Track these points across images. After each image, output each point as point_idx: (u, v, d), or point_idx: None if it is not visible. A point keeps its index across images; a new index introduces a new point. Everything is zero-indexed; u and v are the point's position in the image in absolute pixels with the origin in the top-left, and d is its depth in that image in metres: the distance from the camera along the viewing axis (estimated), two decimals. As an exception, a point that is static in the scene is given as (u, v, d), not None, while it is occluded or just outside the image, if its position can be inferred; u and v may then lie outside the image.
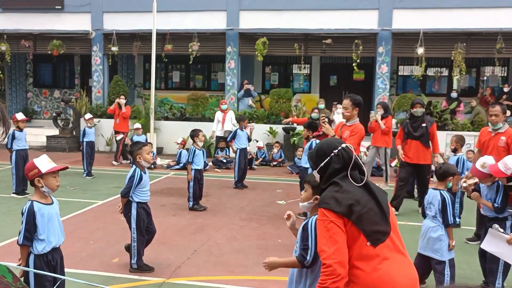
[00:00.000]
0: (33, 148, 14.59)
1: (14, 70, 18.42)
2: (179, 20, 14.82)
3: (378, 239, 2.47)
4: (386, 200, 2.60)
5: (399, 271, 2.47)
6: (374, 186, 2.61)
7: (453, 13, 13.47)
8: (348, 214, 2.45)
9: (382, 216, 2.51)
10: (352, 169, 2.57)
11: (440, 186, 4.64)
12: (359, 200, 2.48)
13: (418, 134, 7.66)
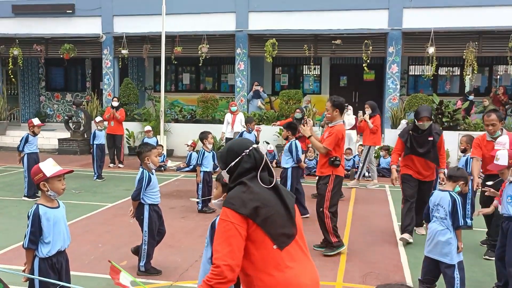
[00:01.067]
0: (45, 151, 14.76)
1: (26, 74, 18.64)
2: (188, 23, 14.86)
3: (284, 242, 2.45)
4: (293, 202, 2.56)
5: (304, 274, 2.47)
6: (282, 188, 2.58)
7: (464, 12, 13.31)
8: (253, 217, 2.41)
9: (289, 219, 2.49)
10: (262, 170, 2.52)
11: (449, 188, 4.56)
12: (266, 202, 2.44)
13: (424, 150, 6.22)
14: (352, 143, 12.44)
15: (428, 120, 6.13)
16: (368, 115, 9.98)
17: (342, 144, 5.87)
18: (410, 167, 6.38)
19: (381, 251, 5.99)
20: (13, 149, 14.40)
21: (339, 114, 5.88)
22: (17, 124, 17.95)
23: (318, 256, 5.82)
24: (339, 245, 5.86)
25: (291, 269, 2.44)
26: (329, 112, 5.89)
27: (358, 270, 5.41)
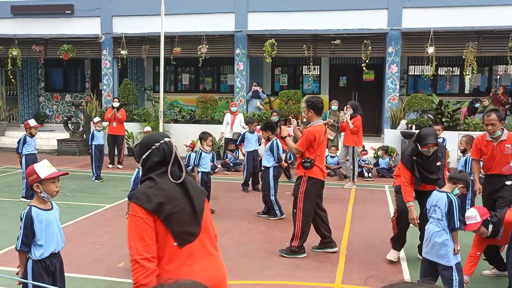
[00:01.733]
0: (44, 151, 14.74)
1: (25, 74, 18.62)
2: (187, 23, 14.84)
3: (185, 239, 2.47)
4: (202, 200, 2.59)
5: (203, 273, 2.47)
6: (192, 185, 2.58)
7: (463, 11, 13.28)
8: (157, 212, 2.43)
9: (194, 217, 2.50)
10: (173, 165, 2.53)
11: (447, 189, 4.52)
12: (172, 198, 2.46)
13: (436, 177, 5.35)
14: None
15: (433, 146, 5.23)
16: (349, 116, 9.97)
17: (316, 145, 5.70)
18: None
19: (380, 252, 5.96)
20: (12, 149, 14.38)
21: (314, 115, 5.82)
22: (16, 125, 17.92)
23: (317, 257, 5.80)
24: (297, 252, 5.78)
25: (188, 267, 2.46)
26: (305, 113, 5.90)
27: (357, 271, 5.38)
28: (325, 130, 5.89)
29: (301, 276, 5.21)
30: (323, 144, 5.87)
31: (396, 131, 13.06)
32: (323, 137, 5.83)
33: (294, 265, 5.54)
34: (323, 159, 5.96)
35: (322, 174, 5.85)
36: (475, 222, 4.60)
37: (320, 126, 5.84)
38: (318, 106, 5.80)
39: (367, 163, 11.63)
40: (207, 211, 2.63)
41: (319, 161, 5.80)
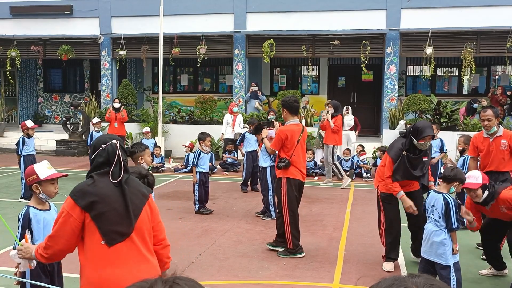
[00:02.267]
0: (43, 152, 14.74)
1: (24, 75, 18.61)
2: (186, 24, 14.86)
3: (114, 239, 2.54)
4: (140, 203, 2.65)
5: (129, 275, 2.52)
6: (133, 187, 2.66)
7: (462, 12, 13.31)
8: (88, 210, 2.54)
9: (126, 217, 2.57)
10: (115, 166, 2.62)
11: (443, 189, 4.53)
12: (105, 198, 2.56)
13: (421, 174, 5.23)
14: (351, 143, 12.43)
15: (431, 139, 5.17)
16: (331, 115, 10.06)
17: (290, 145, 5.69)
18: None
19: (378, 252, 5.97)
20: (10, 150, 14.40)
21: (289, 114, 5.83)
22: (15, 126, 17.90)
23: (315, 258, 5.80)
24: (294, 252, 5.78)
25: (114, 267, 2.54)
26: (282, 114, 5.93)
27: (355, 271, 5.39)
28: (301, 130, 5.82)
29: (299, 276, 5.22)
30: (300, 145, 5.80)
31: (394, 131, 13.07)
32: (299, 137, 5.77)
33: (292, 265, 5.55)
34: (300, 159, 5.81)
35: (301, 175, 5.81)
36: (475, 182, 4.60)
37: (295, 125, 5.82)
38: (292, 105, 5.78)
39: (366, 163, 11.64)
40: (146, 215, 2.68)
41: (296, 162, 5.74)
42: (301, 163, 5.83)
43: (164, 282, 1.21)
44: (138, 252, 2.61)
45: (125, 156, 2.72)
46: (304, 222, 7.42)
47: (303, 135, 5.88)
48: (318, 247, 6.23)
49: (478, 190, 4.64)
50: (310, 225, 7.28)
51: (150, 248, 2.68)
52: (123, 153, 2.69)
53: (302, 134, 5.84)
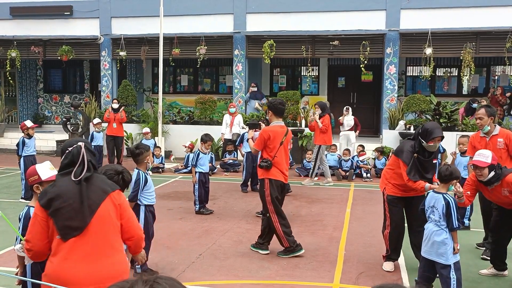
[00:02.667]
0: (43, 153, 14.74)
1: (24, 76, 18.63)
2: (186, 24, 14.88)
3: (68, 233, 2.67)
4: (99, 198, 2.75)
5: (79, 270, 2.64)
6: (94, 185, 2.78)
7: (461, 12, 13.33)
8: (47, 207, 2.71)
9: (80, 212, 2.68)
10: (79, 166, 2.78)
11: (442, 189, 4.53)
12: (62, 195, 2.71)
13: (431, 176, 5.13)
14: (351, 144, 12.45)
15: (440, 140, 5.06)
16: (318, 115, 10.28)
17: (272, 146, 5.75)
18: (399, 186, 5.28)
19: (378, 252, 5.98)
20: (10, 151, 14.41)
21: (273, 116, 5.90)
22: (15, 126, 17.91)
23: (315, 257, 5.82)
24: (293, 250, 5.80)
25: (66, 261, 2.65)
26: (268, 115, 6.04)
27: (355, 271, 5.41)
28: (285, 132, 5.85)
29: (300, 275, 5.23)
30: (283, 147, 5.83)
31: (394, 131, 13.10)
32: (283, 138, 5.80)
33: (293, 264, 5.56)
34: (283, 161, 5.84)
35: (283, 176, 5.84)
36: (484, 160, 4.64)
37: (279, 127, 5.87)
38: (277, 107, 5.85)
39: (365, 164, 11.65)
40: (108, 210, 2.76)
41: (279, 163, 5.79)
42: (284, 165, 5.87)
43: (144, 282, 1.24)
44: (96, 247, 2.70)
45: (90, 156, 2.85)
46: (304, 222, 7.44)
47: (287, 137, 5.90)
48: (318, 246, 6.24)
49: (484, 169, 4.66)
50: (310, 225, 7.30)
51: (111, 243, 2.75)
52: (89, 154, 2.83)
53: (286, 136, 5.88)
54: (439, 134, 4.99)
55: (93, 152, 2.95)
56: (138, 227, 2.99)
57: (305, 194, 9.56)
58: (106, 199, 2.77)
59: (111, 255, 2.73)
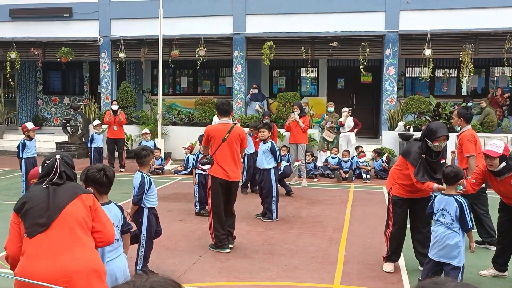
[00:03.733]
0: (43, 155, 14.74)
1: (24, 77, 18.63)
2: (185, 26, 14.89)
3: (34, 230, 2.79)
4: (66, 197, 2.89)
5: (45, 266, 2.73)
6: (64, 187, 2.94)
7: (460, 14, 13.36)
8: (19, 211, 2.88)
9: (46, 210, 2.82)
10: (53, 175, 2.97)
11: (451, 191, 4.48)
12: (32, 197, 2.89)
13: (439, 176, 4.91)
14: (351, 145, 12.47)
15: (445, 140, 5.02)
16: (298, 116, 10.44)
17: (214, 143, 5.95)
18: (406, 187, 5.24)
19: (378, 253, 5.99)
20: (10, 152, 14.41)
21: (218, 115, 6.17)
22: (15, 128, 17.92)
23: (316, 259, 5.83)
24: (218, 247, 5.99)
25: (32, 257, 2.75)
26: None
27: (355, 272, 5.41)
28: (228, 130, 5.92)
29: (300, 277, 5.24)
30: (227, 144, 5.91)
31: (394, 132, 13.12)
32: (225, 136, 5.90)
33: (293, 266, 5.57)
34: (227, 159, 5.92)
35: (224, 174, 5.91)
36: (496, 151, 4.65)
37: (222, 125, 6.03)
38: (219, 108, 6.11)
39: (365, 165, 11.67)
40: (76, 209, 2.87)
41: (220, 161, 5.90)
42: (227, 162, 5.92)
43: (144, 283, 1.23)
44: (61, 242, 2.78)
45: (65, 167, 3.03)
46: (304, 223, 7.45)
47: (231, 134, 5.94)
48: (318, 248, 6.25)
49: (495, 159, 4.66)
50: (310, 226, 7.31)
51: (79, 240, 2.82)
52: (63, 166, 3.02)
53: (230, 134, 5.93)
54: (443, 133, 4.96)
55: (70, 164, 3.12)
56: (109, 233, 3.04)
57: (305, 196, 9.57)
58: (75, 199, 2.90)
59: (78, 251, 2.80)
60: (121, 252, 3.41)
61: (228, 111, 6.11)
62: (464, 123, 6.19)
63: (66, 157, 3.14)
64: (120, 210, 3.52)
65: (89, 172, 3.38)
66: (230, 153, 5.94)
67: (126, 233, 3.58)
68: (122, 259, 3.41)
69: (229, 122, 6.12)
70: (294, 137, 10.68)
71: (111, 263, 3.28)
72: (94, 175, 3.36)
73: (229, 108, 6.13)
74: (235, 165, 6.00)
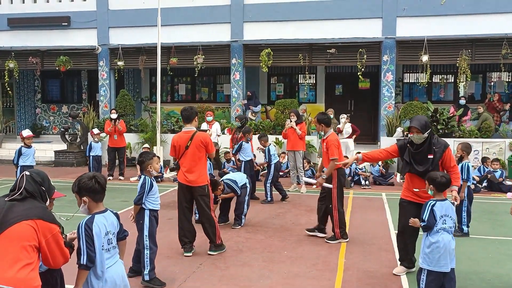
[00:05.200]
0: (41, 163, 14.73)
1: (22, 86, 18.66)
2: (183, 33, 14.96)
3: None
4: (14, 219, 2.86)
5: None
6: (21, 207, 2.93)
7: (457, 20, 13.45)
8: None
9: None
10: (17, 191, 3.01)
11: (441, 196, 4.57)
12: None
13: (424, 169, 5.10)
14: (349, 151, 12.47)
15: (418, 132, 5.11)
16: (295, 123, 10.53)
17: (177, 150, 6.06)
18: (408, 187, 5.37)
19: (378, 260, 6.00)
20: (8, 161, 14.39)
21: (184, 122, 6.21)
22: (13, 137, 17.93)
23: (316, 266, 5.82)
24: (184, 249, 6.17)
25: None
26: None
27: (356, 279, 5.41)
28: (190, 137, 5.99)
29: (300, 284, 5.23)
30: (188, 151, 6.00)
31: (392, 138, 13.14)
32: (188, 143, 5.98)
33: (293, 273, 5.57)
34: (187, 164, 6.02)
35: (184, 179, 6.06)
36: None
37: (184, 133, 6.10)
38: (182, 114, 6.19)
39: (364, 171, 11.68)
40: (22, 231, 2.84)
41: (183, 165, 6.07)
42: (189, 168, 6.03)
43: None
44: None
45: (29, 185, 3.05)
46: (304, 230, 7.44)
47: (193, 141, 6.00)
48: (318, 255, 6.25)
49: None
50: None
51: (16, 259, 2.78)
52: (28, 183, 3.05)
53: (192, 141, 6.00)
54: (412, 124, 5.20)
55: (38, 181, 3.12)
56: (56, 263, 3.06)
57: (303, 203, 9.57)
58: (26, 220, 2.87)
59: (8, 270, 2.76)
60: (117, 259, 3.43)
61: (189, 118, 6.11)
62: (325, 128, 6.84)
63: (35, 173, 3.15)
64: (116, 217, 3.53)
65: (81, 182, 3.39)
66: (192, 159, 6.03)
67: (122, 240, 3.59)
68: (120, 265, 3.44)
69: (191, 129, 6.11)
70: (291, 144, 10.74)
71: (110, 270, 3.30)
72: (86, 184, 3.37)
73: (190, 115, 6.11)
74: (198, 170, 6.04)
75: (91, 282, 3.21)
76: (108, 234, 3.31)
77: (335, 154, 6.60)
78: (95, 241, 3.19)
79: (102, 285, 3.21)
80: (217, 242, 6.24)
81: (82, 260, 3.14)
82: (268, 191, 9.51)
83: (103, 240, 3.24)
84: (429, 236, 4.44)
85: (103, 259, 3.25)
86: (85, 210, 3.37)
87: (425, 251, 4.44)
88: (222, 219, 7.89)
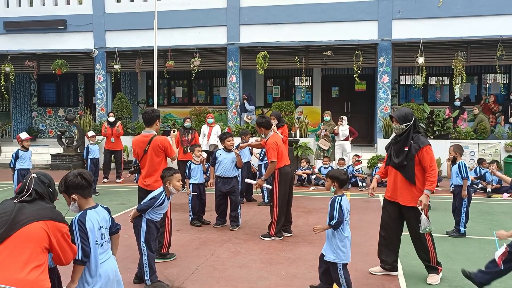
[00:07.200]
0: (38, 166, 14.69)
1: (18, 90, 18.63)
2: (180, 37, 14.98)
3: None
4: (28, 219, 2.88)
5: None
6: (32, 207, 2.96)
7: (452, 22, 13.53)
8: None
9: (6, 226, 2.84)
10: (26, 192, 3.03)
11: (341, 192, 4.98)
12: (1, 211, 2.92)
13: (399, 161, 5.26)
14: (346, 153, 12.50)
15: (396, 122, 5.27)
16: (275, 126, 10.01)
17: (137, 153, 6.07)
18: (388, 186, 5.53)
19: (375, 261, 6.01)
20: (4, 165, 14.34)
21: (145, 126, 6.16)
22: (9, 140, 17.87)
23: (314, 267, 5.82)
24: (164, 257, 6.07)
25: None
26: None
27: (353, 280, 5.41)
28: (148, 141, 5.94)
29: (298, 286, 5.24)
30: (147, 155, 5.97)
31: (389, 140, 13.15)
32: (146, 147, 5.95)
33: (291, 274, 5.58)
34: (145, 168, 6.01)
35: (142, 183, 6.08)
36: None
37: (142, 136, 6.06)
38: (143, 117, 6.12)
39: (361, 173, 11.71)
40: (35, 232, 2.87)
41: (143, 170, 6.06)
42: (147, 171, 6.01)
43: None
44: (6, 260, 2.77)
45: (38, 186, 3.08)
46: (302, 232, 7.46)
47: (151, 145, 5.96)
48: (316, 256, 6.23)
49: None
50: (308, 235, 7.32)
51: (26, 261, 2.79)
52: (37, 184, 3.08)
53: (150, 145, 5.96)
54: (391, 114, 5.43)
55: (46, 182, 3.16)
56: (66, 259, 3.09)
57: (301, 205, 9.58)
58: (37, 222, 2.89)
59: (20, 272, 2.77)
60: (110, 254, 3.46)
61: (149, 121, 6.01)
62: (265, 131, 7.04)
63: (43, 175, 3.19)
64: (107, 211, 3.54)
65: (67, 180, 3.39)
66: (150, 163, 5.99)
67: (115, 233, 3.60)
68: (113, 260, 3.47)
69: (150, 133, 6.01)
70: None
71: (104, 265, 3.33)
72: (73, 182, 3.37)
73: (151, 118, 6.00)
74: (156, 175, 5.93)
75: (86, 278, 3.25)
76: (101, 229, 3.35)
77: (273, 156, 6.86)
78: (89, 236, 3.23)
79: (96, 280, 3.25)
80: (163, 251, 6.08)
81: (78, 256, 3.18)
82: (265, 193, 9.52)
83: (96, 234, 3.28)
84: (342, 230, 4.81)
85: (97, 254, 3.29)
86: (76, 208, 3.37)
87: (338, 246, 4.74)
88: (219, 221, 7.89)
